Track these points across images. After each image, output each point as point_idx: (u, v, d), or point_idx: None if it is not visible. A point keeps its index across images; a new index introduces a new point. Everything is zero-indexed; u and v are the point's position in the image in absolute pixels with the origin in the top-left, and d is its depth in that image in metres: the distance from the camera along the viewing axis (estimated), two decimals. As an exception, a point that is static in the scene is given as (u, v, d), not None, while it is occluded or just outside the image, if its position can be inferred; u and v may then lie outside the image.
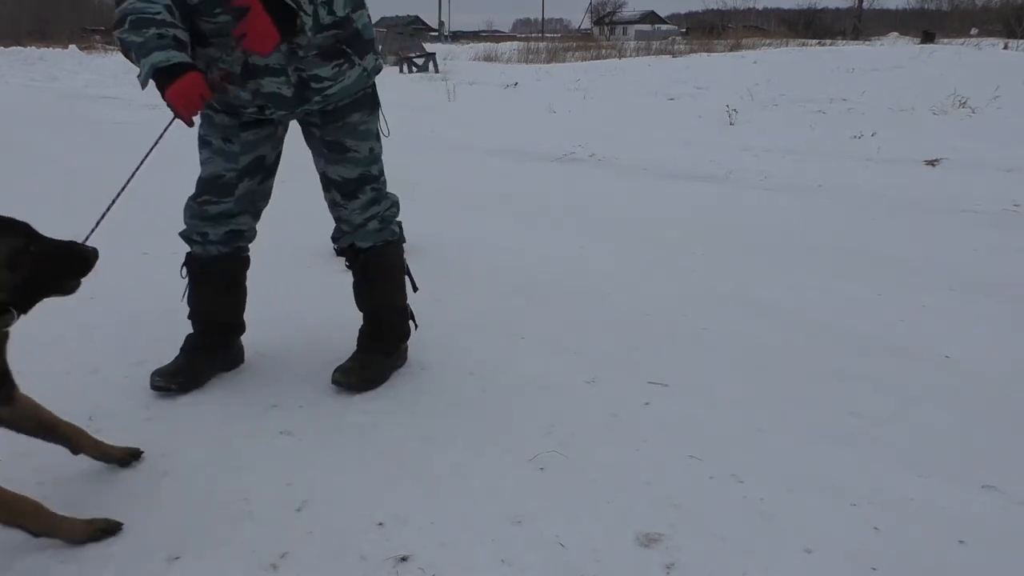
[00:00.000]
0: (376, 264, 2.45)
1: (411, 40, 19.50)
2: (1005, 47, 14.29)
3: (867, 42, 21.36)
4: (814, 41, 20.11)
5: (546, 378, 2.52)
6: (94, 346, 2.74)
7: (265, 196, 2.47)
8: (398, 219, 2.49)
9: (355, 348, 2.51)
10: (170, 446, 2.10)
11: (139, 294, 3.17)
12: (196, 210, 2.39)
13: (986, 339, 2.87)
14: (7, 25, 43.32)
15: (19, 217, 1.72)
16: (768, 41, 20.08)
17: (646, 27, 57.60)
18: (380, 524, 1.78)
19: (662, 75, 10.55)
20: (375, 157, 2.38)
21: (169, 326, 2.79)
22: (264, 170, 2.40)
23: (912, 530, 1.76)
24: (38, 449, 2.06)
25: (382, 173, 2.42)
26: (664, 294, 3.35)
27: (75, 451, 1.94)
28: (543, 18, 71.79)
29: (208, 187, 2.36)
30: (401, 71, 16.53)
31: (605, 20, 67.86)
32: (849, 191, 5.51)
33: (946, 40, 18.18)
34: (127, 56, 2.04)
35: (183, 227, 2.42)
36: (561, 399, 2.38)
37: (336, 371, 2.40)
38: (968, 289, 3.40)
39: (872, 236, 4.31)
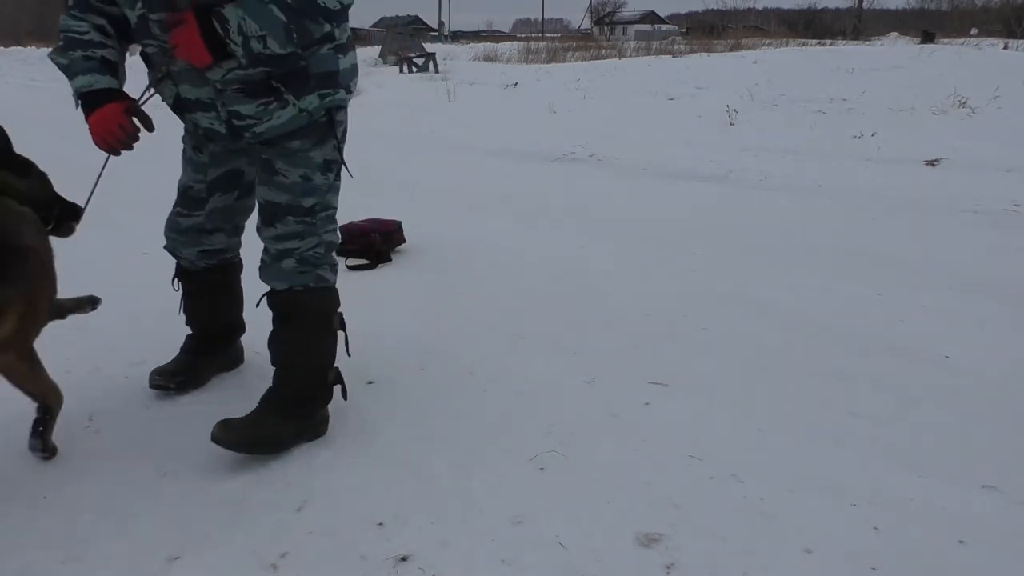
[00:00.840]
0: (289, 312, 2.11)
1: (411, 40, 19.48)
2: (1005, 47, 14.29)
3: (867, 42, 21.36)
4: (814, 41, 20.10)
5: (546, 378, 2.52)
6: (94, 346, 2.74)
7: (245, 212, 2.33)
8: (329, 265, 2.15)
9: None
10: (170, 446, 2.10)
11: (139, 294, 3.17)
12: (172, 221, 2.34)
13: (986, 339, 2.87)
14: (7, 25, 43.31)
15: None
16: (768, 41, 20.07)
17: (646, 27, 57.59)
18: (380, 524, 1.78)
19: (662, 75, 10.55)
20: (311, 188, 2.06)
21: (169, 326, 2.78)
22: (241, 186, 2.27)
23: (912, 530, 1.76)
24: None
25: (321, 210, 2.09)
26: (664, 294, 3.35)
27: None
28: (543, 18, 71.80)
29: (181, 197, 2.32)
30: (401, 71, 16.52)
31: (605, 20, 67.86)
32: (849, 191, 5.51)
33: (946, 40, 18.17)
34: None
35: (164, 240, 2.38)
36: (561, 399, 2.38)
37: (217, 424, 2.00)
38: (968, 289, 3.40)
39: (872, 236, 4.31)
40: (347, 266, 3.64)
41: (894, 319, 3.06)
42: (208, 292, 2.42)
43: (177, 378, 2.38)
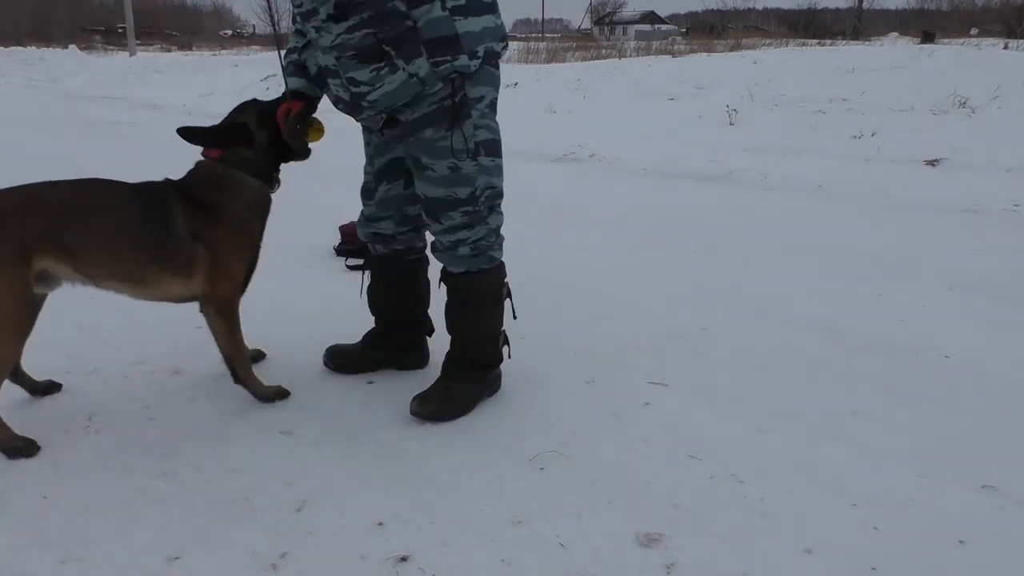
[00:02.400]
0: (467, 291, 2.26)
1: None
2: (1005, 47, 14.28)
3: (867, 42, 21.35)
4: (814, 41, 20.10)
5: (546, 378, 2.52)
6: (94, 346, 2.74)
7: (415, 201, 2.26)
8: (499, 245, 2.27)
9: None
10: (170, 446, 2.10)
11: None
12: (361, 213, 2.46)
13: (986, 339, 2.87)
14: (7, 25, 43.30)
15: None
16: (768, 41, 20.06)
17: (646, 27, 57.62)
18: (380, 524, 1.78)
19: (662, 75, 10.54)
20: (463, 178, 2.08)
21: (169, 326, 2.79)
22: (405, 173, 2.25)
23: (912, 530, 1.77)
24: (44, 444, 2.06)
25: (481, 195, 2.12)
26: (664, 294, 3.35)
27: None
28: (543, 18, 71.70)
29: (362, 189, 2.43)
30: (401, 71, 16.50)
31: (605, 20, 67.84)
32: (849, 191, 5.51)
33: (946, 40, 18.16)
34: None
35: None
36: (561, 399, 2.38)
37: (414, 400, 2.24)
38: (968, 289, 3.40)
39: (872, 236, 4.31)
40: (347, 266, 3.64)
41: (894, 319, 3.06)
42: (384, 280, 2.46)
43: (342, 359, 2.52)
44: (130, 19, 27.02)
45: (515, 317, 2.43)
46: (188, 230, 2.10)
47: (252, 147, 2.20)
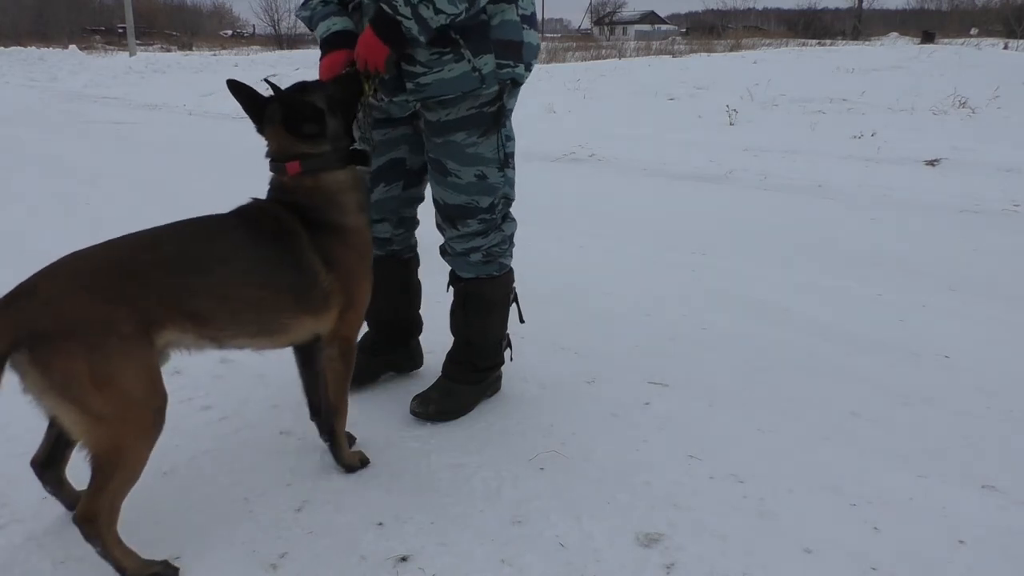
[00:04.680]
0: (476, 296, 2.25)
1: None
2: (1005, 47, 14.29)
3: (867, 42, 21.36)
4: (814, 41, 20.11)
5: (546, 378, 2.52)
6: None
7: (411, 203, 2.29)
8: (510, 252, 2.28)
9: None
10: (170, 446, 2.10)
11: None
12: None
13: (986, 339, 2.87)
14: (7, 25, 43.32)
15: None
16: (768, 41, 20.08)
17: (646, 27, 57.65)
18: (380, 524, 1.78)
19: (662, 75, 10.55)
20: (487, 187, 2.08)
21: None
22: (405, 175, 2.22)
23: (912, 530, 1.76)
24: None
25: (498, 204, 2.13)
26: (664, 294, 3.35)
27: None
28: (543, 18, 71.74)
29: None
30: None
31: (605, 20, 67.83)
32: (849, 191, 5.51)
33: (946, 40, 18.17)
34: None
35: None
36: (561, 399, 2.38)
37: (414, 399, 2.24)
38: (968, 289, 3.40)
39: (872, 236, 4.31)
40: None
41: (894, 319, 3.06)
42: (381, 284, 2.22)
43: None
44: (130, 19, 27.03)
45: (522, 321, 2.42)
46: (319, 256, 1.76)
47: (324, 131, 1.82)
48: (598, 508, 1.84)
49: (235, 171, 6.23)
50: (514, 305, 2.38)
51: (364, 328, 2.14)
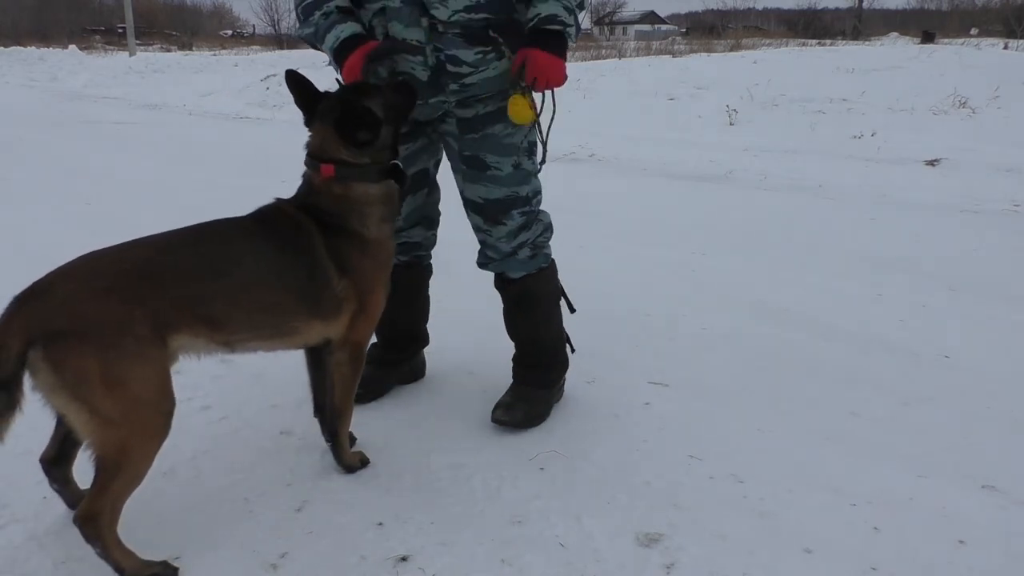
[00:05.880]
0: (532, 294, 2.24)
1: (411, 40, 19.44)
2: (1005, 47, 14.28)
3: (867, 42, 21.35)
4: (814, 41, 20.10)
5: (546, 378, 2.51)
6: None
7: (434, 205, 2.35)
8: (549, 241, 2.29)
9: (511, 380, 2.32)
10: (170, 446, 2.09)
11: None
12: None
13: (986, 339, 2.87)
14: (7, 25, 43.31)
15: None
16: (768, 41, 20.07)
17: (646, 27, 57.61)
18: (380, 524, 1.78)
19: (662, 75, 10.53)
20: (524, 175, 2.10)
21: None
22: (428, 183, 2.26)
23: (912, 530, 1.76)
24: (39, 449, 2.06)
25: (535, 194, 2.17)
26: (664, 294, 3.35)
27: None
28: (543, 18, 71.38)
29: None
30: (401, 71, 16.52)
31: (605, 20, 67.80)
32: (849, 191, 5.51)
33: (946, 40, 18.16)
34: (319, 50, 2.00)
35: None
36: (561, 399, 2.38)
37: (497, 408, 2.20)
38: (968, 289, 3.40)
39: (872, 236, 4.31)
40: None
41: (894, 319, 3.06)
42: (399, 291, 2.22)
43: (363, 395, 2.24)
44: (130, 19, 27.02)
45: (573, 311, 2.39)
46: (334, 263, 1.77)
47: (374, 141, 1.81)
48: (598, 508, 1.84)
49: (234, 171, 6.23)
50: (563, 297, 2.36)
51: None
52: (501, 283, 2.26)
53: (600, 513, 1.82)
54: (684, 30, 46.00)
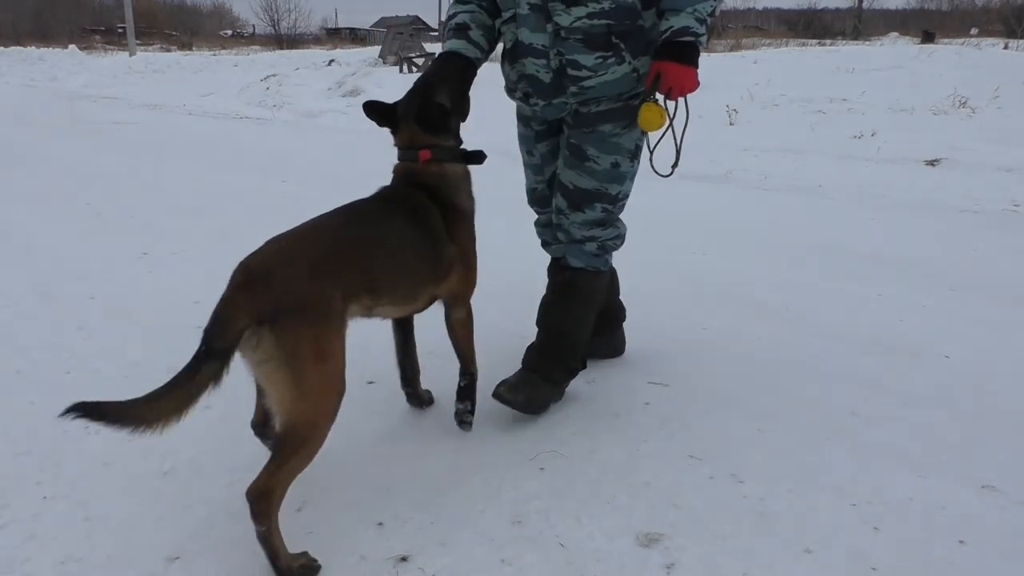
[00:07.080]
0: (581, 289, 2.29)
1: (411, 40, 19.47)
2: (1005, 47, 14.28)
3: (867, 42, 21.35)
4: (814, 41, 20.10)
5: (546, 378, 2.51)
6: (94, 348, 2.74)
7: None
8: (612, 256, 2.35)
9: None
10: (170, 446, 2.10)
11: (139, 294, 3.17)
12: (537, 217, 2.48)
13: (986, 339, 2.87)
14: (7, 25, 43.30)
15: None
16: (768, 41, 20.06)
17: (646, 27, 57.41)
18: (380, 524, 1.78)
19: (662, 75, 10.54)
20: (619, 175, 2.19)
21: (168, 328, 2.79)
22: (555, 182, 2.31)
23: (912, 530, 1.76)
24: (39, 449, 2.06)
25: (622, 198, 2.24)
26: (664, 293, 3.34)
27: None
28: (543, 18, 71.41)
29: (530, 197, 2.48)
30: (401, 71, 16.52)
31: (605, 20, 67.69)
32: (849, 191, 5.51)
33: (946, 40, 18.15)
34: None
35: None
36: (561, 399, 2.38)
37: (501, 384, 2.21)
38: (968, 289, 3.40)
39: (872, 236, 4.31)
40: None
41: (894, 319, 3.06)
42: (553, 287, 2.39)
43: (519, 393, 2.22)
44: (130, 19, 27.03)
45: (584, 366, 2.43)
46: (445, 233, 2.01)
47: (448, 125, 2.08)
48: (598, 508, 1.84)
49: (234, 170, 6.23)
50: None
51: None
52: (555, 268, 2.32)
53: (600, 513, 1.82)
54: (684, 30, 45.76)
